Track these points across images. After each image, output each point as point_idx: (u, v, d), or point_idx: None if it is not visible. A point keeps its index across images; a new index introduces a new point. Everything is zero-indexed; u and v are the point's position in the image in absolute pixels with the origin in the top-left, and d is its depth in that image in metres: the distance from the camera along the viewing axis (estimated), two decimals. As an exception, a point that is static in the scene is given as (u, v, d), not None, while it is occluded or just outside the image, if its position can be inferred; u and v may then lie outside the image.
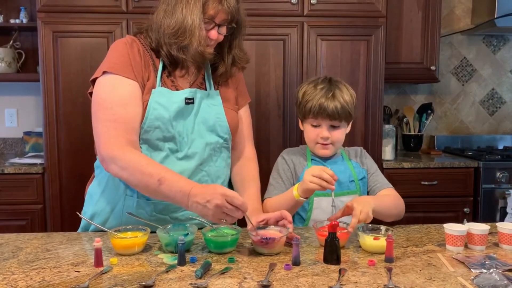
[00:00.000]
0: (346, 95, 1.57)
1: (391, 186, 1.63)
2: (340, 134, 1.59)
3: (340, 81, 1.62)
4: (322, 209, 1.55)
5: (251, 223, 1.31)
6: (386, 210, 1.49)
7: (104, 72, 1.37)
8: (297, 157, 1.65)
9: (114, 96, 1.35)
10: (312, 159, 1.64)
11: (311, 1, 2.47)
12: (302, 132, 1.67)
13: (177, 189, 1.25)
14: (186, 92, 1.43)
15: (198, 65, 1.45)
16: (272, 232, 1.30)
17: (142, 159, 1.31)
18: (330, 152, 1.61)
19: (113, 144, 1.31)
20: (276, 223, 1.35)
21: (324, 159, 1.63)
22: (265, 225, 1.35)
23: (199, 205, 1.21)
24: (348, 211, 1.35)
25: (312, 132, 1.59)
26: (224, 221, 1.22)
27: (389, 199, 1.55)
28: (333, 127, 1.57)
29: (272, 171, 1.66)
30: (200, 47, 1.36)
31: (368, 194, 1.64)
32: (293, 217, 1.57)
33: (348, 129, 1.63)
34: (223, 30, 1.41)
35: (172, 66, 1.44)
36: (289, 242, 1.29)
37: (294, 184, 1.49)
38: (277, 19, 2.48)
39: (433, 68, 2.92)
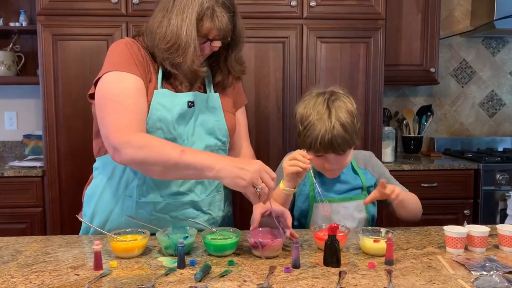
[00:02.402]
0: (346, 120, 1.43)
1: (407, 190, 1.62)
2: (347, 159, 1.51)
3: (338, 97, 1.48)
4: (321, 215, 1.54)
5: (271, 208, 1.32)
6: (409, 205, 1.52)
7: (107, 72, 1.36)
8: None
9: (122, 90, 1.33)
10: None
11: (311, 4, 2.47)
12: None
13: (203, 155, 1.25)
14: (189, 95, 1.43)
15: (190, 81, 1.44)
16: (269, 236, 1.30)
17: (158, 138, 1.31)
18: (338, 174, 1.56)
19: (124, 131, 1.29)
20: (277, 218, 1.35)
21: None
22: (269, 215, 1.35)
23: (235, 168, 1.19)
24: (381, 188, 1.39)
25: (316, 161, 1.50)
26: (259, 190, 1.18)
27: (411, 196, 1.58)
28: (338, 155, 1.48)
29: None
30: (194, 66, 1.35)
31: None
32: (293, 222, 1.57)
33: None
34: (217, 43, 1.39)
35: (168, 74, 1.43)
36: (288, 246, 1.29)
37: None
38: (277, 22, 2.48)
39: (432, 70, 2.93)
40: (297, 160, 1.37)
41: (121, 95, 1.32)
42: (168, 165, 1.26)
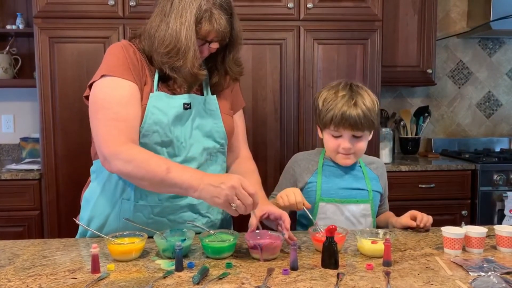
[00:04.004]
0: (368, 102, 1.50)
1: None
2: (363, 144, 1.54)
3: (361, 86, 1.56)
4: (327, 217, 1.54)
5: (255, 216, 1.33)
6: None
7: (102, 76, 1.36)
8: (305, 164, 1.61)
9: (114, 96, 1.33)
10: (324, 164, 1.59)
11: (307, 6, 2.48)
12: (300, 136, 1.66)
13: (188, 174, 1.24)
14: (185, 97, 1.42)
15: (189, 85, 1.43)
16: (267, 238, 1.30)
17: (147, 152, 1.31)
18: (352, 161, 1.57)
19: (115, 141, 1.30)
20: (275, 220, 1.36)
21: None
22: (267, 218, 1.35)
23: (212, 187, 1.20)
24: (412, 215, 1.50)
25: (333, 142, 1.53)
26: (234, 207, 1.19)
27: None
28: (355, 137, 1.52)
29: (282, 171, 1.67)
30: (194, 69, 1.34)
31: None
32: (296, 225, 1.57)
33: (370, 136, 1.58)
34: (215, 45, 1.39)
35: (165, 77, 1.42)
36: (286, 248, 1.29)
37: None
38: (274, 24, 2.48)
39: (429, 71, 2.93)
40: (294, 202, 1.40)
41: (113, 102, 1.33)
42: (154, 182, 1.27)
